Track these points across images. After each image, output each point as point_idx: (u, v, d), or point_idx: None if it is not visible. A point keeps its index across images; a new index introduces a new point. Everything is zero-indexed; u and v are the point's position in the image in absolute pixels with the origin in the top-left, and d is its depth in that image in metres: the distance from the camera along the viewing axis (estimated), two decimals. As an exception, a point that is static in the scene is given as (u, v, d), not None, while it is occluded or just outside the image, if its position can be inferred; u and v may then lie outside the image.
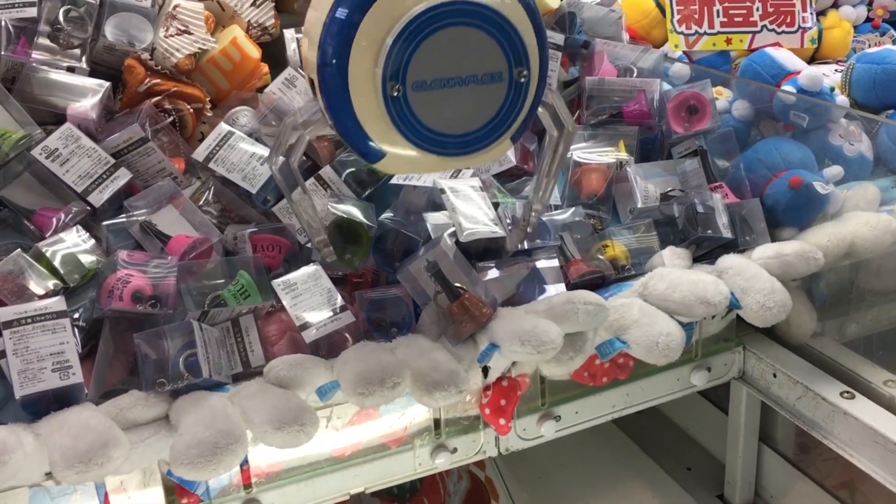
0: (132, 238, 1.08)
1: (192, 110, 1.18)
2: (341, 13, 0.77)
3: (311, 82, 0.85)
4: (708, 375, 1.22)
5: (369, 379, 0.91)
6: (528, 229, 1.03)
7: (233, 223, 1.14)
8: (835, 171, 1.22)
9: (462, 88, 0.80)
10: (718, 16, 1.45)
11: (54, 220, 1.04)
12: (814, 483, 1.26)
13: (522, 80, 0.82)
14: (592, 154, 1.21)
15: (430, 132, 0.81)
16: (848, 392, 1.11)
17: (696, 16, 1.45)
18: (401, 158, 0.83)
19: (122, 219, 1.07)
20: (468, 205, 1.09)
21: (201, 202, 1.15)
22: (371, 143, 0.82)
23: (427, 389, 0.93)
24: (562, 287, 1.07)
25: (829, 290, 1.24)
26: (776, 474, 1.33)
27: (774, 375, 1.19)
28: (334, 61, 0.78)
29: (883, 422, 1.06)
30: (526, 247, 1.09)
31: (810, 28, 1.53)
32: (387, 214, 1.13)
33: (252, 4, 1.28)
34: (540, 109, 0.89)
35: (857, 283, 1.27)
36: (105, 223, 1.06)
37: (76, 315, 0.97)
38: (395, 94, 0.78)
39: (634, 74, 1.32)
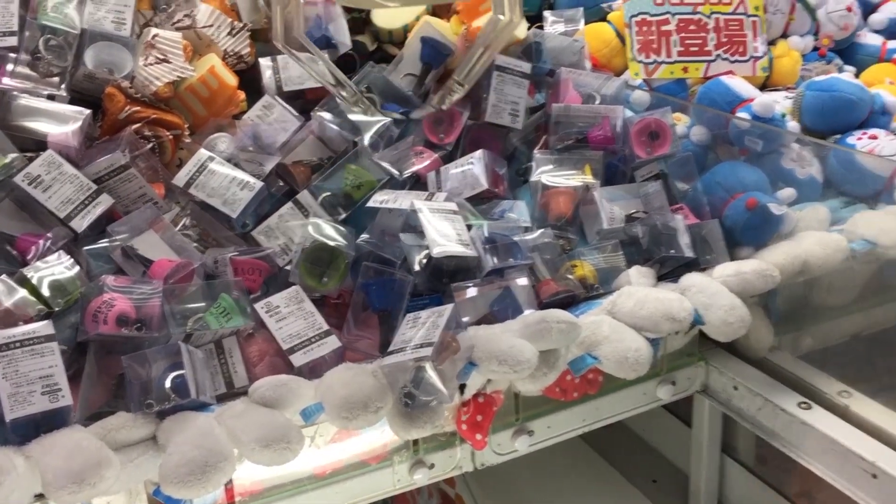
0: (113, 263, 1.10)
1: (171, 137, 1.21)
2: None
3: None
4: (673, 389, 1.27)
5: (353, 403, 0.94)
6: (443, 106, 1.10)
7: (211, 247, 1.17)
8: (788, 193, 1.28)
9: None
10: (675, 45, 1.52)
11: (37, 246, 1.06)
12: (774, 492, 1.32)
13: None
14: (559, 178, 1.26)
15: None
16: (805, 403, 1.17)
17: (655, 45, 1.52)
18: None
19: (103, 243, 1.09)
20: (442, 224, 1.13)
21: (180, 227, 1.17)
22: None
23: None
24: (534, 307, 1.11)
25: (785, 306, 1.30)
26: (738, 485, 1.38)
27: (735, 388, 1.25)
28: None
29: (838, 431, 1.12)
30: (498, 266, 1.13)
31: (761, 57, 1.61)
32: (363, 237, 1.16)
33: (228, 34, 1.32)
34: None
35: (810, 299, 1.33)
36: (87, 248, 1.08)
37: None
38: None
39: (598, 101, 1.37)
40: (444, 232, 1.12)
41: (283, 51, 1.25)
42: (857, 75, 1.66)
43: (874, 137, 1.38)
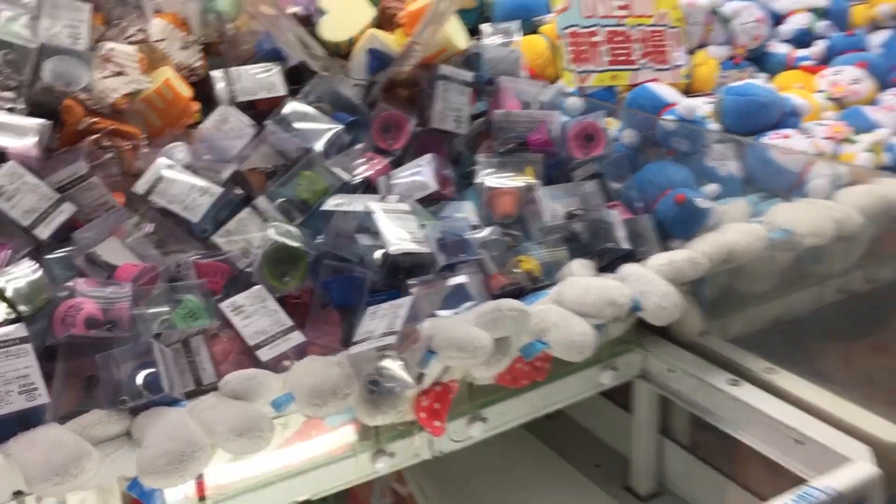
0: (76, 269, 1.13)
1: (129, 147, 1.24)
2: None
3: None
4: (614, 375, 1.36)
5: (322, 391, 1.00)
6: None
7: (171, 253, 1.21)
8: (712, 188, 1.39)
9: None
10: (604, 55, 1.63)
11: (1, 254, 1.08)
12: (709, 466, 1.41)
13: None
14: (503, 179, 1.34)
15: None
16: (734, 380, 1.27)
17: (586, 55, 1.62)
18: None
19: (67, 251, 1.12)
20: (396, 224, 1.19)
21: (140, 234, 1.20)
22: None
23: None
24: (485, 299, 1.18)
25: (713, 293, 1.40)
26: (676, 464, 1.48)
27: (671, 371, 1.34)
28: None
29: (766, 403, 1.22)
30: (451, 262, 1.20)
31: (682, 65, 1.72)
32: (321, 239, 1.22)
33: (181, 47, 1.36)
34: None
35: (735, 286, 1.44)
36: (50, 255, 1.11)
37: (26, 344, 1.01)
38: None
39: (535, 108, 1.46)
40: (399, 231, 1.18)
41: (264, 16, 1.29)
42: (768, 81, 1.79)
43: (787, 137, 1.50)
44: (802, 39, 1.94)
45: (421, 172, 1.32)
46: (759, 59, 1.91)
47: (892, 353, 1.43)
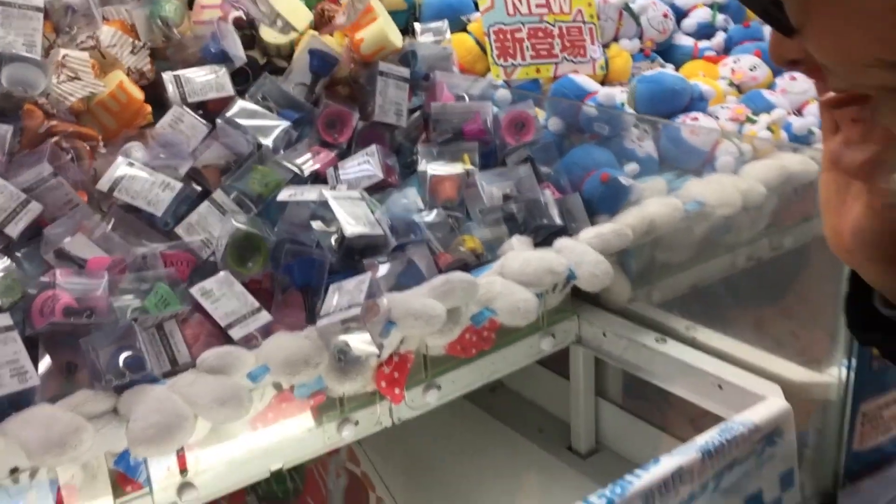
0: (46, 264, 1.19)
1: (88, 148, 1.30)
2: None
3: None
4: (553, 341, 1.48)
5: (295, 361, 1.09)
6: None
7: (135, 246, 1.27)
8: (632, 167, 1.53)
9: None
10: (528, 50, 1.76)
11: (-28, 253, 1.13)
12: (641, 420, 1.55)
13: None
14: (444, 167, 1.45)
15: None
16: (661, 338, 1.41)
17: (511, 51, 1.74)
18: None
19: (36, 247, 1.18)
20: (350, 209, 1.29)
21: (104, 230, 1.27)
22: None
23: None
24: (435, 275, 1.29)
25: (638, 264, 1.54)
26: (611, 421, 1.61)
27: (604, 334, 1.47)
28: None
29: (688, 356, 1.36)
30: (402, 242, 1.30)
31: (599, 58, 1.87)
32: (278, 227, 1.30)
33: (130, 52, 1.42)
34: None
35: (657, 257, 1.58)
36: (21, 251, 1.16)
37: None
38: None
39: (468, 100, 1.58)
40: (353, 215, 1.28)
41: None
42: (676, 70, 1.95)
43: (695, 119, 1.65)
44: (704, 32, 2.12)
45: (368, 163, 1.41)
46: (667, 51, 2.07)
47: (795, 317, 1.60)
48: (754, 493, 1.19)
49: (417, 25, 1.72)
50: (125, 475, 1.09)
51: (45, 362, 1.08)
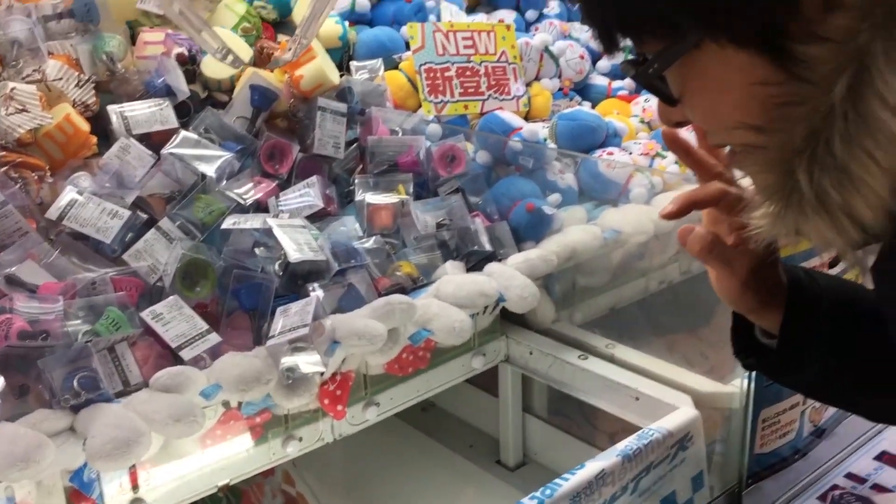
0: (-3, 290, 1.22)
1: (35, 178, 1.34)
2: None
3: None
4: (484, 360, 1.57)
5: (247, 378, 1.15)
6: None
7: (83, 273, 1.31)
8: (555, 197, 1.65)
9: None
10: (457, 88, 1.87)
11: (-73, 279, 1.16)
12: (565, 433, 1.66)
13: None
14: (380, 197, 1.54)
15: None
16: (583, 355, 1.52)
17: (441, 88, 1.85)
18: None
19: (-12, 274, 1.21)
20: (293, 236, 1.36)
21: (53, 257, 1.31)
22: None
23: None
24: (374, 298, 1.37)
25: (561, 288, 1.65)
26: (538, 435, 1.71)
27: (531, 353, 1.58)
28: None
29: (608, 371, 1.47)
30: (343, 267, 1.38)
31: (522, 96, 2.00)
32: (224, 253, 1.36)
33: (76, 85, 1.47)
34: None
35: (578, 280, 1.70)
36: (-27, 278, 1.19)
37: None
38: None
39: (401, 134, 1.68)
40: (296, 242, 1.35)
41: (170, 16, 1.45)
42: (592, 108, 2.10)
43: (611, 153, 1.79)
44: (617, 73, 2.28)
45: (309, 193, 1.49)
46: (584, 90, 2.23)
47: (705, 339, 1.74)
48: (669, 495, 1.30)
49: (353, 63, 1.82)
50: (79, 491, 1.13)
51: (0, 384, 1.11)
